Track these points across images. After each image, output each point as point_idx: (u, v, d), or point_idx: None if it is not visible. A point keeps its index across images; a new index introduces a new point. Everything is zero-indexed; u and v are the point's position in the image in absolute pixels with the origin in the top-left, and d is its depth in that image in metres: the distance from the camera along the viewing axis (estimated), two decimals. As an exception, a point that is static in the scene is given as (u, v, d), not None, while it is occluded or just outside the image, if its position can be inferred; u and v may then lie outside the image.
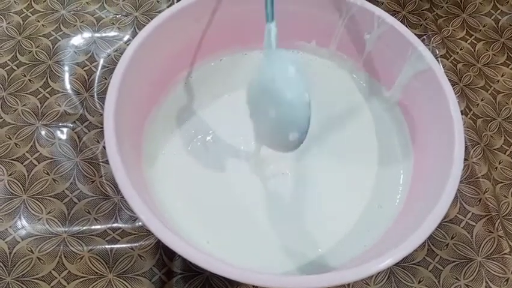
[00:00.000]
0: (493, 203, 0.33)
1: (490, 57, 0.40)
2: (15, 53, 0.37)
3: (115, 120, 0.24)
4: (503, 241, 0.32)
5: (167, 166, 0.29)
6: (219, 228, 0.27)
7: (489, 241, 0.31)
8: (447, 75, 0.27)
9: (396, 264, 0.31)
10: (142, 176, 0.27)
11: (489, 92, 0.38)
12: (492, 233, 0.32)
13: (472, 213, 0.32)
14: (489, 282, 0.30)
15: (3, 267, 0.29)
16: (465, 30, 0.41)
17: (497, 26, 0.42)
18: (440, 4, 0.42)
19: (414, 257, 0.31)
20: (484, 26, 0.42)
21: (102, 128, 0.34)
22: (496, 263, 0.31)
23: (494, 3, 0.43)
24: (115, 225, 0.31)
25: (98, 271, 0.29)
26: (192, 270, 0.30)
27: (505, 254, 0.31)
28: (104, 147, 0.33)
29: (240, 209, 0.28)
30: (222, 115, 0.31)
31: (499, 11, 0.42)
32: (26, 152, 0.33)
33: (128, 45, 0.37)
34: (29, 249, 0.29)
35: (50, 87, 0.36)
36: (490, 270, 0.31)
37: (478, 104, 0.37)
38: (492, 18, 0.42)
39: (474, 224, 0.32)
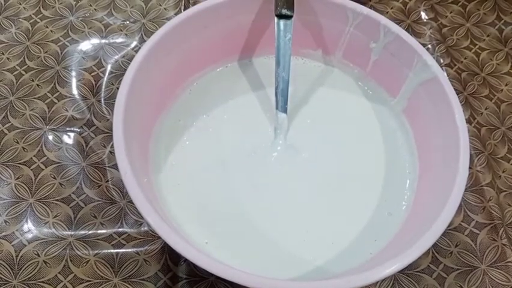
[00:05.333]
0: (497, 211, 0.33)
1: (494, 67, 0.40)
2: (24, 58, 0.37)
3: (123, 125, 0.24)
4: (507, 249, 0.32)
5: (173, 170, 0.29)
6: (219, 229, 0.27)
7: (493, 249, 0.32)
8: (451, 84, 0.27)
9: (401, 272, 0.31)
10: (150, 181, 0.27)
11: (493, 101, 0.38)
12: (496, 241, 0.32)
13: (476, 221, 0.32)
14: (493, 290, 0.30)
15: (10, 270, 0.29)
16: (469, 39, 0.42)
17: (501, 36, 0.42)
18: (445, 14, 0.43)
19: (419, 264, 0.31)
20: (488, 36, 0.42)
21: (109, 133, 0.35)
22: (500, 271, 0.31)
23: (497, 13, 0.43)
24: (120, 229, 0.31)
25: (103, 275, 0.29)
26: (197, 275, 0.30)
27: (508, 262, 0.31)
28: (110, 152, 0.34)
29: (242, 213, 0.28)
30: (227, 120, 0.31)
31: (502, 21, 0.43)
32: (34, 156, 0.33)
33: (135, 51, 0.38)
34: (36, 253, 0.30)
35: (58, 92, 0.36)
36: (493, 278, 0.31)
37: (482, 113, 0.38)
38: (496, 28, 0.42)
39: (478, 232, 0.32)
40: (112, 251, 0.30)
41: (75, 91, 0.36)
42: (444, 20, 0.43)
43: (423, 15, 0.42)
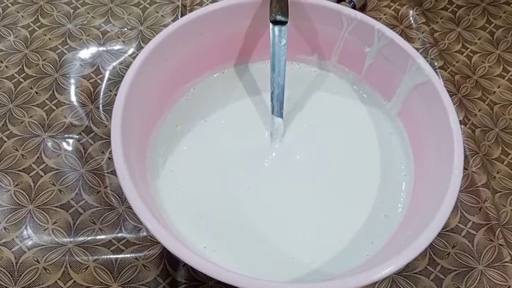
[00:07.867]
0: (493, 212, 0.33)
1: (486, 69, 0.41)
2: (23, 66, 0.38)
3: (122, 131, 0.24)
4: (504, 249, 0.32)
5: (171, 175, 0.29)
6: (217, 234, 0.27)
7: (490, 250, 0.32)
8: (445, 86, 0.27)
9: (398, 273, 0.31)
10: (147, 186, 0.27)
11: (486, 103, 0.39)
12: (492, 241, 0.32)
13: (473, 222, 0.33)
14: (490, 290, 0.31)
15: (10, 277, 0.29)
16: (461, 43, 0.42)
17: (493, 38, 0.42)
18: (435, 19, 0.43)
19: (416, 266, 0.31)
20: (480, 39, 0.42)
21: (107, 139, 0.35)
22: (497, 271, 0.31)
23: (487, 17, 0.43)
24: (119, 235, 0.31)
25: (103, 281, 0.30)
26: (196, 280, 0.30)
27: (505, 262, 0.31)
28: (109, 158, 0.34)
29: (240, 217, 0.28)
30: (225, 125, 0.31)
31: (493, 25, 0.43)
32: (33, 163, 0.33)
33: (133, 58, 0.39)
34: (35, 259, 0.30)
35: (57, 100, 0.36)
36: (491, 278, 0.31)
37: (476, 115, 0.38)
38: (487, 31, 0.43)
39: (475, 232, 0.32)
40: (111, 256, 0.30)
41: (73, 98, 0.36)
42: (436, 25, 0.43)
43: (415, 20, 0.43)
